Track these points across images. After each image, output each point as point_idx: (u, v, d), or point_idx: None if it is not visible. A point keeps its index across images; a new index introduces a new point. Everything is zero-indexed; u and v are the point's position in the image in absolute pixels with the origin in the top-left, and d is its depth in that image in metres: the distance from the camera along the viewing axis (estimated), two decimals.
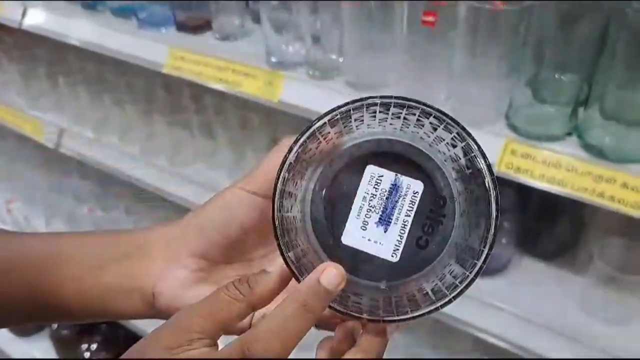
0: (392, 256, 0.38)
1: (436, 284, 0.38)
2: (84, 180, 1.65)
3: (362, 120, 0.38)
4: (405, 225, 0.38)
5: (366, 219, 0.38)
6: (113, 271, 0.44)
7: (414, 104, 0.37)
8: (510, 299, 0.94)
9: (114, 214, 1.59)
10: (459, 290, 0.36)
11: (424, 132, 0.38)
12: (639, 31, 0.69)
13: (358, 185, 0.38)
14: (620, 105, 0.75)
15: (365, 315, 0.36)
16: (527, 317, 0.91)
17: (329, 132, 0.38)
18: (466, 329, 0.96)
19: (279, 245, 0.37)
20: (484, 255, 0.36)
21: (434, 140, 0.38)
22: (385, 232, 0.38)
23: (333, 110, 0.37)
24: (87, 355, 1.69)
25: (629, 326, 0.90)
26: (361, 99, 0.37)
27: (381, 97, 0.37)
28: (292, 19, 0.98)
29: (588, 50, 0.75)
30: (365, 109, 0.37)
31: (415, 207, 0.38)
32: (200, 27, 1.11)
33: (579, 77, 0.78)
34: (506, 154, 0.80)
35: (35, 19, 1.27)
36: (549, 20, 0.75)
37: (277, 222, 0.37)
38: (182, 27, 1.12)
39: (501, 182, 0.91)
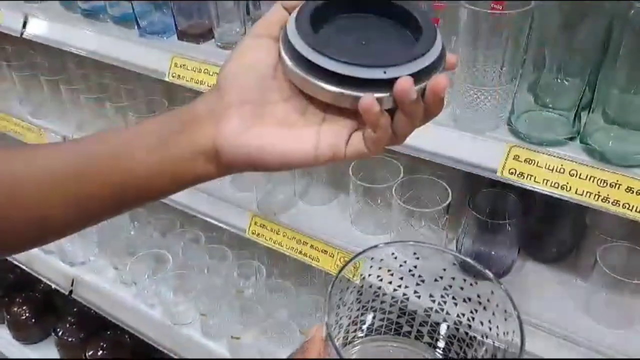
0: None
1: None
2: None
3: None
4: None
5: None
6: (175, 143, 0.48)
7: None
8: None
9: (117, 220, 1.59)
10: None
11: None
12: None
13: None
14: (623, 109, 0.75)
15: None
16: (530, 321, 0.91)
17: None
18: None
19: None
20: None
21: None
22: None
23: None
24: None
25: (632, 330, 0.90)
26: None
27: None
28: None
29: (590, 54, 0.75)
30: None
31: None
32: (201, 35, 1.11)
33: (581, 81, 0.78)
34: (509, 160, 0.80)
35: (37, 28, 1.27)
36: (551, 23, 0.75)
37: None
38: (183, 35, 1.12)
39: (504, 187, 0.91)
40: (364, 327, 0.46)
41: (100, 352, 1.70)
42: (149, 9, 1.13)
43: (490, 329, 0.43)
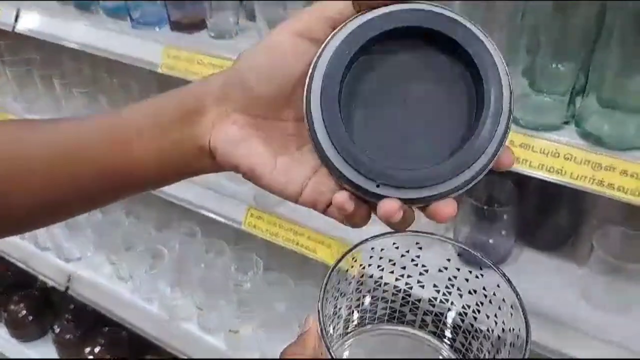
0: None
1: None
2: None
3: None
4: None
5: None
6: (173, 134, 0.44)
7: None
8: None
9: (113, 215, 1.59)
10: None
11: None
12: (636, 17, 0.68)
13: None
14: (617, 93, 0.75)
15: None
16: (528, 307, 0.91)
17: None
18: None
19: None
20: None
21: None
22: None
23: None
24: (90, 358, 1.69)
25: (630, 314, 0.90)
26: None
27: None
28: (286, 16, 0.97)
29: (584, 38, 0.75)
30: None
31: None
32: (194, 25, 1.10)
33: (575, 65, 0.77)
34: None
35: (29, 21, 1.27)
36: (544, 8, 0.75)
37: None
38: (176, 26, 1.12)
39: (500, 173, 0.90)
40: (366, 315, 0.45)
41: (98, 348, 1.70)
42: (141, 0, 1.12)
43: (496, 322, 0.42)
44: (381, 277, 0.45)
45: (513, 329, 0.39)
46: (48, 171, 0.46)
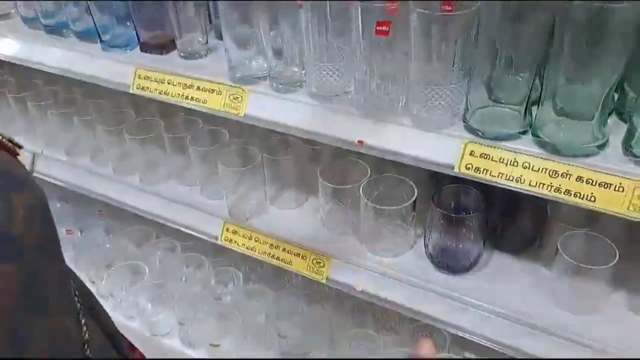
0: None
1: None
2: (60, 203, 1.65)
3: None
4: None
5: None
6: None
7: None
8: (480, 294, 0.96)
9: (93, 233, 1.59)
10: None
11: None
12: (582, 26, 0.71)
13: None
14: (570, 101, 0.78)
15: None
16: (498, 310, 0.94)
17: None
18: (439, 326, 0.98)
19: None
20: None
21: None
22: None
23: None
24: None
25: (595, 315, 0.92)
26: None
27: None
28: (253, 34, 0.99)
29: (536, 49, 0.77)
30: None
31: None
32: (164, 46, 1.12)
33: (530, 75, 0.80)
34: (465, 155, 0.82)
35: (2, 46, 1.28)
36: (497, 21, 0.77)
37: None
38: (146, 47, 1.13)
39: (464, 182, 0.93)
40: None
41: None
42: (110, 23, 1.13)
43: None
44: None
45: None
46: None
